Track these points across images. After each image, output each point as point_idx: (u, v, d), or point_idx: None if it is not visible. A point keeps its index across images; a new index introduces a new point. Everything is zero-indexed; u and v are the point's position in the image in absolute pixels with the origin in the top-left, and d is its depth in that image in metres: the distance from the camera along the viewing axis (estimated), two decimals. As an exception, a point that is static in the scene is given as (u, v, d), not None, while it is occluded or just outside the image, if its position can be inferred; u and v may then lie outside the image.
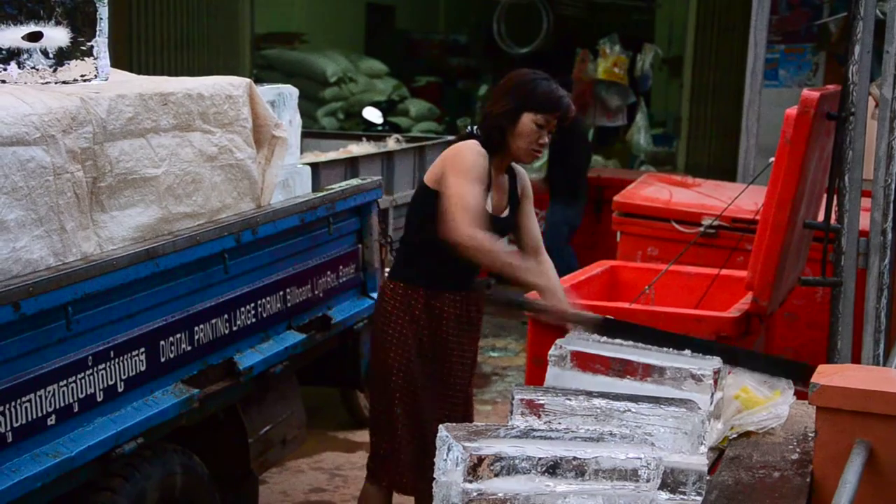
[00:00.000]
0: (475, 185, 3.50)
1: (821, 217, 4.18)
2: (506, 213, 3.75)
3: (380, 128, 8.96)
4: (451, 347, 3.75)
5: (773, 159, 3.98)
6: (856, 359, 3.94)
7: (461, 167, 3.53)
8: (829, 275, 3.98)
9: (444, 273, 3.68)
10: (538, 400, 2.16)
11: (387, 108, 10.34)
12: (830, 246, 3.97)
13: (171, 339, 3.39)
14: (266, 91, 4.26)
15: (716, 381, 2.42)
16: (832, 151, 4.04)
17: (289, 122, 4.41)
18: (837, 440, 2.14)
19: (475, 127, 3.75)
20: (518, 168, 3.83)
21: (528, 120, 3.59)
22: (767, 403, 2.56)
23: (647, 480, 1.89)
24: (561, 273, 3.95)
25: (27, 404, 2.81)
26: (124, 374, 3.18)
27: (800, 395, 2.69)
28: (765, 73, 8.26)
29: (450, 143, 3.79)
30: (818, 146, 4.05)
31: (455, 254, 3.49)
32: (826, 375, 2.20)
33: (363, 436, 5.69)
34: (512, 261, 3.56)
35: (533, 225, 3.83)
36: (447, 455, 1.86)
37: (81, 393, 3.00)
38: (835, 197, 4.01)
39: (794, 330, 5.14)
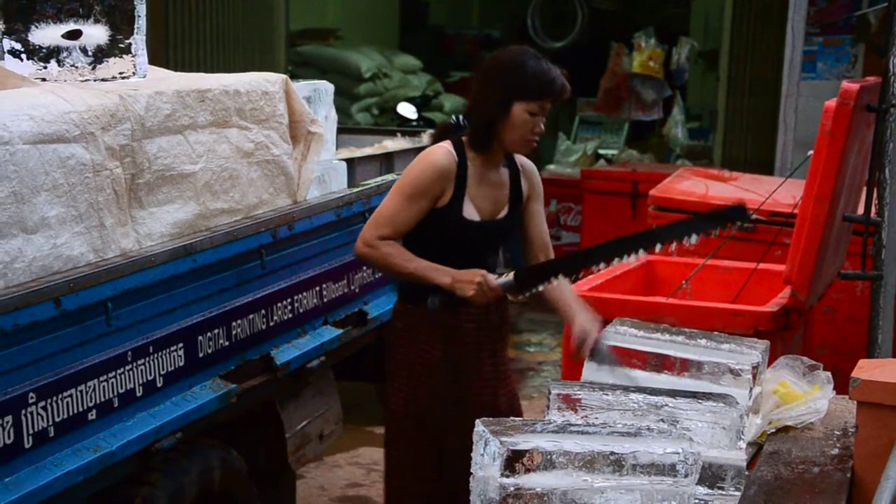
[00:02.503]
0: (405, 202, 3.23)
1: (860, 210, 4.13)
2: (503, 213, 3.34)
3: (414, 123, 8.95)
4: (468, 365, 3.33)
5: (811, 152, 3.94)
6: (896, 353, 3.90)
7: (401, 182, 3.30)
8: (868, 268, 3.95)
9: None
10: (575, 395, 2.15)
11: (421, 103, 10.33)
12: (870, 239, 3.93)
13: (209, 334, 3.41)
14: (302, 87, 4.28)
15: (754, 376, 2.40)
16: (872, 144, 4.00)
17: (324, 118, 4.42)
18: (879, 435, 2.12)
19: (461, 117, 3.34)
20: (523, 162, 3.39)
21: (520, 110, 3.18)
22: (806, 398, 2.53)
23: (686, 475, 1.88)
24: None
25: (68, 399, 2.84)
26: (163, 370, 3.21)
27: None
28: (803, 66, 8.17)
29: (434, 138, 3.43)
30: (858, 138, 4.01)
31: (455, 264, 3.18)
32: (867, 370, 2.18)
33: (399, 431, 5.70)
34: (414, 266, 3.19)
35: (540, 228, 3.41)
36: (484, 450, 1.86)
37: (121, 388, 3.03)
38: (875, 190, 3.97)
39: (833, 324, 5.09)
